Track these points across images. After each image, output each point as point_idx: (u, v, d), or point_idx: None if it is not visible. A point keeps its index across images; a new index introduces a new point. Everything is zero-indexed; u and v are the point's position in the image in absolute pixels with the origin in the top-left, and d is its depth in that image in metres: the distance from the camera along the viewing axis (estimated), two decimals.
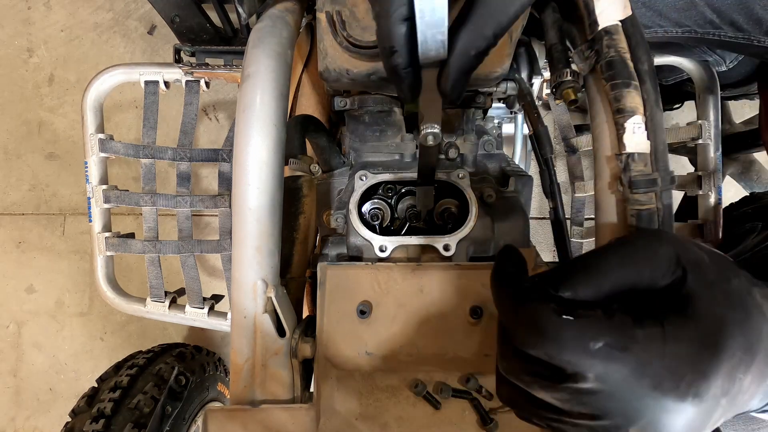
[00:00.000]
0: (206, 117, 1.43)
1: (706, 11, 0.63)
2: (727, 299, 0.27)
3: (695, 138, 0.84)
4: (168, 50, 1.42)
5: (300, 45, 0.69)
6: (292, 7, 0.48)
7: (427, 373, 0.39)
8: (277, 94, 0.40)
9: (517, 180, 0.51)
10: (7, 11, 1.45)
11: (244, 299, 0.39)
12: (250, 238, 0.39)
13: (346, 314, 0.41)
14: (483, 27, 0.31)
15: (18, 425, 1.42)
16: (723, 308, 0.27)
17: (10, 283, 1.44)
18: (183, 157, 0.85)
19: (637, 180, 0.34)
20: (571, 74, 0.38)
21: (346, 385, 0.39)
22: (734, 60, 0.82)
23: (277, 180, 0.40)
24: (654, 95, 0.35)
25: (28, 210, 1.44)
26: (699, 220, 0.86)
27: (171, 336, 1.42)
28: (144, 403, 0.82)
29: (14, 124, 1.45)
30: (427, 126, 0.35)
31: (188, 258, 0.86)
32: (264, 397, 0.40)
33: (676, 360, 0.25)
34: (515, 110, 0.60)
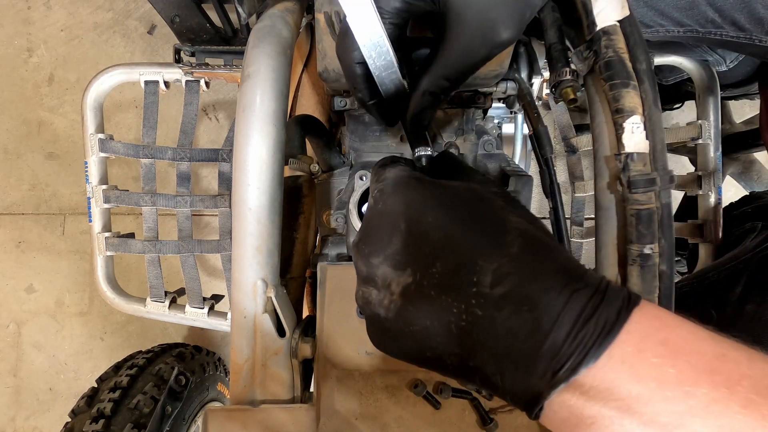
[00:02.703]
0: (206, 117, 1.43)
1: (707, 10, 0.63)
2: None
3: (695, 138, 0.84)
4: (168, 50, 1.42)
5: (300, 45, 0.69)
6: (292, 7, 0.48)
7: (427, 373, 0.39)
8: (277, 94, 0.40)
9: (517, 180, 0.51)
10: (7, 11, 1.45)
11: (244, 299, 0.39)
12: (250, 238, 0.39)
13: (346, 314, 0.41)
14: (442, 74, 0.34)
15: (18, 425, 1.42)
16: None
17: (10, 282, 1.44)
18: (183, 157, 0.85)
19: (636, 180, 0.34)
20: (570, 73, 0.38)
21: (346, 385, 0.39)
22: (735, 60, 0.82)
23: (277, 180, 0.40)
24: (652, 95, 0.35)
25: (28, 210, 1.44)
26: (699, 220, 0.87)
27: (171, 336, 1.42)
28: (144, 403, 0.82)
29: (14, 124, 1.45)
30: (419, 150, 0.38)
31: (188, 258, 0.86)
32: (264, 397, 0.40)
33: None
34: (515, 110, 0.60)
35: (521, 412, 0.38)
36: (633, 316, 0.23)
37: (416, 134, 0.39)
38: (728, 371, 0.21)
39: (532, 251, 0.25)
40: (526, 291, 0.23)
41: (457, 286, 0.25)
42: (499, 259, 0.24)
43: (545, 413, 0.24)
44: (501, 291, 0.24)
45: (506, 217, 0.26)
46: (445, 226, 0.26)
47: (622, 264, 0.36)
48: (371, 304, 0.28)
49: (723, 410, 0.20)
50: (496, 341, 0.24)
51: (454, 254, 0.25)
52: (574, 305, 0.23)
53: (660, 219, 0.34)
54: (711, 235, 0.85)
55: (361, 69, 0.35)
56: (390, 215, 0.28)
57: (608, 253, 0.37)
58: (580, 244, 0.98)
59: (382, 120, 0.41)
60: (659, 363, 0.22)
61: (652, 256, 0.34)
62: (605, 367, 0.22)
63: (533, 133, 0.50)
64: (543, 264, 0.24)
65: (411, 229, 0.27)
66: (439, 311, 0.25)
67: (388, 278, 0.27)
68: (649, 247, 0.34)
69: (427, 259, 0.26)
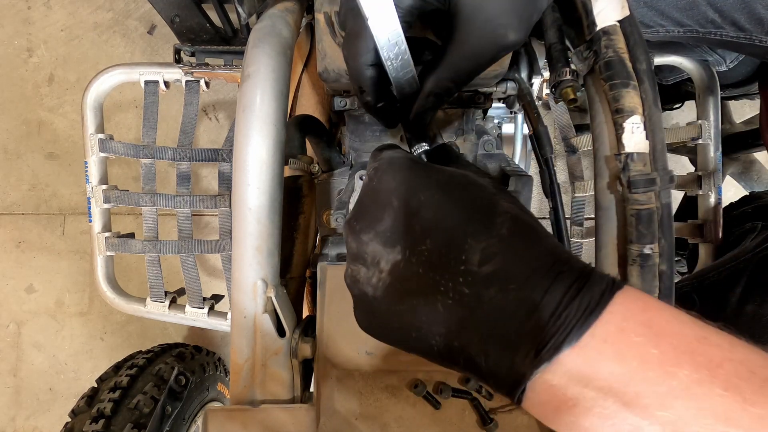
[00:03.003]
0: (206, 117, 1.43)
1: (707, 11, 0.63)
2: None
3: (695, 138, 0.84)
4: (168, 50, 1.42)
5: (300, 45, 0.69)
6: (292, 7, 0.48)
7: (427, 373, 0.39)
8: (277, 94, 0.40)
9: (517, 180, 0.51)
10: (7, 11, 1.45)
11: (244, 299, 0.39)
12: (250, 238, 0.39)
13: (346, 314, 0.41)
14: (447, 75, 0.35)
15: (18, 425, 1.42)
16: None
17: (10, 282, 1.44)
18: (183, 157, 0.85)
19: (636, 180, 0.34)
20: (570, 73, 0.38)
21: (346, 385, 0.39)
22: (735, 60, 0.82)
23: (277, 180, 0.40)
24: (652, 95, 0.35)
25: (28, 210, 1.44)
26: (699, 220, 0.87)
27: (171, 336, 1.42)
28: (144, 403, 0.82)
29: (14, 124, 1.45)
30: (416, 147, 0.38)
31: (188, 258, 0.86)
32: (264, 397, 0.40)
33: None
34: (515, 110, 0.60)
35: (521, 412, 0.38)
36: (616, 297, 0.23)
37: (417, 134, 0.39)
38: (710, 354, 0.21)
39: (520, 234, 0.25)
40: (513, 270, 0.24)
41: (445, 263, 0.25)
42: (487, 239, 0.25)
43: (527, 396, 0.24)
44: (488, 270, 0.24)
45: (497, 201, 0.26)
46: (436, 205, 0.26)
47: (622, 264, 0.36)
48: (359, 283, 0.28)
49: (705, 392, 0.20)
50: (482, 319, 0.24)
51: (444, 232, 0.25)
52: (559, 286, 0.23)
53: (660, 219, 0.34)
54: (711, 235, 0.85)
55: (371, 72, 0.35)
56: (383, 192, 0.28)
57: (608, 253, 0.37)
58: (580, 244, 0.98)
59: (384, 122, 0.41)
60: (641, 343, 0.22)
61: (652, 256, 0.34)
62: (587, 347, 0.22)
63: (533, 133, 0.50)
64: (531, 246, 0.25)
65: (403, 207, 0.27)
66: (427, 289, 0.25)
67: (377, 255, 0.27)
68: (649, 247, 0.34)
69: (417, 236, 0.26)
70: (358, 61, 0.35)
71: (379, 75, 0.36)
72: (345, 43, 0.36)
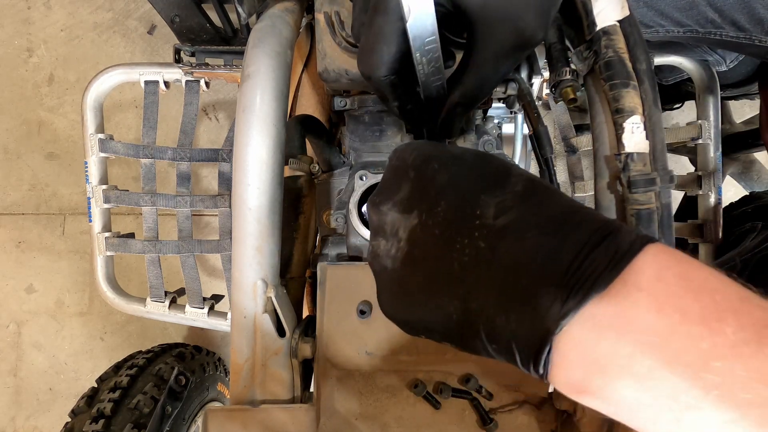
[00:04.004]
0: (206, 117, 1.43)
1: (707, 11, 0.63)
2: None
3: (695, 138, 0.84)
4: (168, 50, 1.42)
5: (300, 45, 0.69)
6: (292, 7, 0.48)
7: (427, 373, 0.39)
8: (277, 94, 0.40)
9: None
10: (7, 11, 1.45)
11: (244, 299, 0.39)
12: (250, 238, 0.39)
13: (346, 314, 0.41)
14: (474, 84, 0.35)
15: (18, 425, 1.42)
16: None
17: (10, 283, 1.44)
18: (183, 157, 0.85)
19: (636, 180, 0.34)
20: (570, 73, 0.38)
21: (346, 385, 0.39)
22: (735, 60, 0.82)
23: (277, 180, 0.40)
24: (652, 95, 0.35)
25: (28, 210, 1.44)
26: (699, 220, 0.86)
27: (171, 336, 1.42)
28: (144, 403, 0.82)
29: (14, 124, 1.45)
30: None
31: (188, 258, 0.86)
32: (264, 397, 0.40)
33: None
34: (515, 110, 0.60)
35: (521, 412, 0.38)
36: (648, 248, 0.21)
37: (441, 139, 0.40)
38: (756, 314, 0.19)
39: (536, 190, 0.24)
40: (529, 220, 0.23)
41: (460, 220, 0.24)
42: (502, 194, 0.24)
43: (554, 363, 0.21)
44: (504, 221, 0.23)
45: (511, 167, 0.26)
46: (451, 170, 0.26)
47: None
48: (380, 257, 0.28)
49: (753, 352, 0.18)
50: (498, 272, 0.22)
51: (458, 192, 0.25)
52: (582, 233, 0.21)
53: (660, 219, 0.34)
54: (711, 235, 0.85)
55: (391, 81, 0.35)
56: (401, 167, 0.29)
57: None
58: None
59: (412, 124, 0.41)
60: (681, 295, 0.19)
61: None
62: (620, 294, 0.20)
63: (533, 133, 0.50)
64: (548, 200, 0.23)
65: (418, 175, 0.27)
66: (444, 249, 0.24)
67: (396, 224, 0.27)
68: None
69: (432, 199, 0.26)
70: (376, 73, 0.34)
71: (401, 82, 0.36)
72: (360, 58, 0.35)
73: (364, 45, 0.34)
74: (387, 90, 0.36)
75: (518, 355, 0.22)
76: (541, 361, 0.21)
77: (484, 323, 0.23)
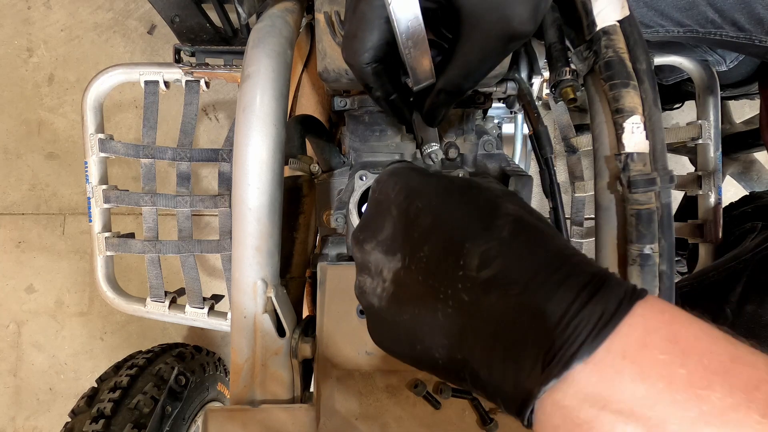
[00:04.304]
0: (206, 117, 1.43)
1: (707, 11, 0.63)
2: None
3: (695, 138, 0.84)
4: (168, 50, 1.42)
5: (300, 45, 0.69)
6: (292, 7, 0.48)
7: (427, 374, 0.39)
8: (277, 94, 0.40)
9: (517, 180, 0.51)
10: (7, 11, 1.45)
11: (244, 299, 0.39)
12: (250, 238, 0.39)
13: (346, 314, 0.41)
14: (458, 72, 0.34)
15: (18, 425, 1.42)
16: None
17: (10, 282, 1.44)
18: (183, 157, 0.85)
19: (636, 180, 0.34)
20: (570, 73, 0.38)
21: (346, 385, 0.39)
22: (735, 60, 0.82)
23: (277, 180, 0.40)
24: (652, 95, 0.35)
25: (28, 210, 1.44)
26: (699, 220, 0.87)
27: (171, 336, 1.42)
28: (144, 403, 0.82)
29: (14, 124, 1.45)
30: (426, 147, 0.38)
31: (188, 258, 0.86)
32: (264, 397, 0.40)
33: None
34: (515, 110, 0.60)
35: None
36: (636, 307, 0.20)
37: (426, 133, 0.39)
38: (745, 375, 0.19)
39: (523, 235, 0.23)
40: (514, 274, 0.22)
41: (443, 270, 0.24)
42: (487, 242, 0.23)
43: (537, 418, 0.21)
44: (488, 274, 0.22)
45: (500, 204, 0.25)
46: (434, 210, 0.25)
47: (622, 264, 0.36)
48: (366, 294, 0.28)
49: (741, 418, 0.18)
50: (483, 328, 0.22)
51: (441, 237, 0.24)
52: (568, 290, 0.21)
53: (660, 219, 0.34)
54: (711, 235, 0.85)
55: (374, 68, 0.35)
56: (384, 202, 0.28)
57: (608, 253, 0.37)
58: (580, 244, 0.98)
59: (398, 116, 0.40)
60: (667, 361, 0.19)
61: (652, 256, 0.34)
62: (603, 362, 0.20)
63: (533, 133, 0.50)
64: (535, 247, 0.23)
65: (402, 215, 0.26)
66: (427, 297, 0.24)
67: (380, 264, 0.27)
68: (649, 247, 0.34)
69: (415, 243, 0.25)
70: (358, 60, 0.34)
71: (385, 69, 0.35)
72: (343, 45, 0.35)
73: (347, 32, 0.34)
74: (370, 78, 0.36)
75: (502, 406, 0.23)
76: (524, 416, 0.21)
77: (469, 373, 0.23)
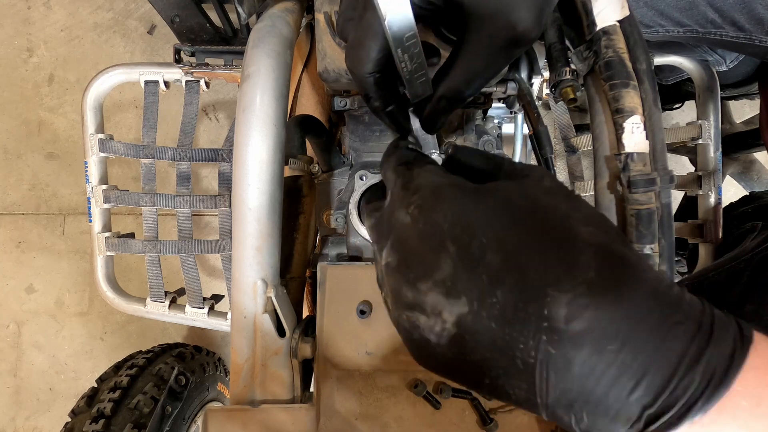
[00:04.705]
0: (206, 117, 1.43)
1: (707, 11, 0.63)
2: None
3: (695, 138, 0.84)
4: (168, 50, 1.42)
5: (300, 45, 0.69)
6: (292, 7, 0.48)
7: (427, 373, 0.39)
8: (277, 94, 0.40)
9: None
10: (7, 11, 1.45)
11: (244, 299, 0.39)
12: (250, 238, 0.39)
13: (346, 314, 0.41)
14: (462, 78, 0.34)
15: (18, 425, 1.42)
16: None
17: (10, 283, 1.44)
18: (183, 157, 0.85)
19: (636, 180, 0.34)
20: (570, 73, 0.38)
21: (346, 385, 0.39)
22: (735, 60, 0.82)
23: (277, 180, 0.40)
24: (652, 95, 0.35)
25: (28, 210, 1.44)
26: (699, 220, 0.87)
27: (171, 336, 1.42)
28: (144, 403, 0.82)
29: (14, 124, 1.45)
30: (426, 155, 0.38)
31: (188, 258, 0.86)
32: (264, 397, 0.40)
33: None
34: (515, 110, 0.59)
35: (521, 412, 0.38)
36: (749, 360, 0.19)
37: (425, 137, 0.40)
38: None
39: (612, 275, 0.21)
40: (609, 327, 0.20)
41: (523, 319, 0.21)
42: (573, 287, 0.20)
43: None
44: (579, 327, 0.20)
45: (575, 229, 0.22)
46: (503, 246, 0.22)
47: None
48: (420, 329, 0.25)
49: None
50: (574, 385, 0.20)
51: (517, 281, 0.22)
52: (674, 345, 0.19)
53: (660, 219, 0.34)
54: (711, 235, 0.85)
55: (375, 78, 0.35)
56: (434, 236, 0.24)
57: None
58: None
59: (396, 127, 0.40)
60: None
61: (652, 256, 0.34)
62: (714, 424, 0.19)
63: (533, 133, 0.50)
64: (628, 291, 0.20)
65: (462, 252, 0.23)
66: (503, 345, 0.22)
67: (438, 306, 0.23)
68: (649, 247, 0.34)
69: (484, 286, 0.22)
70: (362, 69, 0.34)
71: (384, 80, 0.35)
72: (348, 53, 0.35)
73: (352, 40, 0.34)
74: (371, 88, 0.35)
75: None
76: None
77: (549, 413, 0.22)
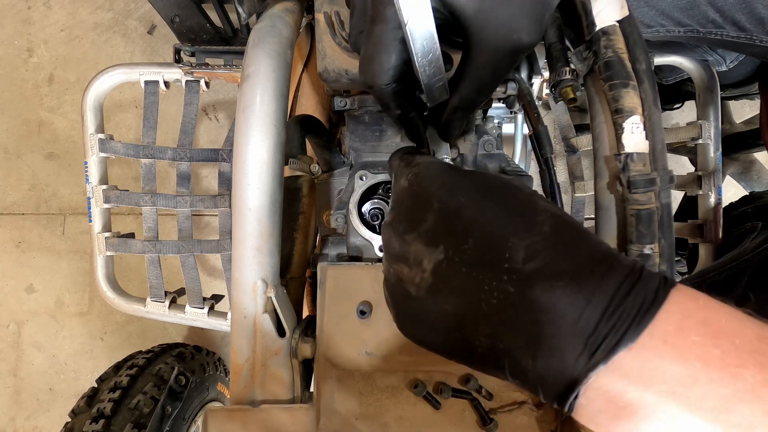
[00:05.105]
0: (206, 117, 1.43)
1: (708, 10, 0.63)
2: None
3: (695, 138, 0.84)
4: (168, 50, 1.42)
5: (300, 45, 0.69)
6: (292, 7, 0.48)
7: (427, 373, 0.39)
8: (277, 94, 0.40)
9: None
10: (7, 11, 1.45)
11: (244, 299, 0.39)
12: (250, 238, 0.39)
13: (346, 314, 0.41)
14: (471, 89, 0.35)
15: (18, 425, 1.42)
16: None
17: (10, 283, 1.44)
18: (183, 157, 0.85)
19: (636, 180, 0.34)
20: (569, 73, 0.38)
21: (346, 385, 0.39)
22: (735, 60, 0.82)
23: (277, 180, 0.40)
24: (652, 95, 0.35)
25: (28, 210, 1.44)
26: (699, 220, 0.87)
27: (171, 336, 1.42)
28: (144, 403, 0.82)
29: (14, 124, 1.45)
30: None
31: (188, 258, 0.86)
32: (264, 397, 0.40)
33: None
34: (515, 110, 0.60)
35: (521, 412, 0.38)
36: (671, 295, 0.22)
37: (441, 146, 0.42)
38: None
39: (564, 230, 0.25)
40: (559, 267, 0.23)
41: (489, 262, 0.24)
42: (531, 236, 0.24)
43: (580, 404, 0.23)
44: (533, 267, 0.23)
45: (536, 201, 0.26)
46: (476, 205, 0.27)
47: None
48: (403, 282, 0.28)
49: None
50: (528, 319, 0.23)
51: (486, 231, 0.25)
52: (610, 282, 0.22)
53: (660, 219, 0.34)
54: (711, 235, 0.85)
55: (393, 89, 0.36)
56: (423, 195, 0.29)
57: None
58: None
59: (413, 133, 0.41)
60: (702, 342, 0.21)
61: (652, 256, 0.34)
62: (646, 347, 0.21)
63: (533, 133, 0.50)
64: (576, 242, 0.24)
65: (444, 208, 0.27)
66: (471, 288, 0.25)
67: (420, 255, 0.27)
68: (649, 247, 0.34)
69: (459, 235, 0.26)
70: (379, 82, 0.35)
71: (402, 89, 0.36)
72: (362, 67, 0.35)
73: (364, 54, 0.35)
74: (389, 98, 0.36)
75: (542, 393, 0.24)
76: (566, 403, 0.23)
77: (510, 361, 0.24)
